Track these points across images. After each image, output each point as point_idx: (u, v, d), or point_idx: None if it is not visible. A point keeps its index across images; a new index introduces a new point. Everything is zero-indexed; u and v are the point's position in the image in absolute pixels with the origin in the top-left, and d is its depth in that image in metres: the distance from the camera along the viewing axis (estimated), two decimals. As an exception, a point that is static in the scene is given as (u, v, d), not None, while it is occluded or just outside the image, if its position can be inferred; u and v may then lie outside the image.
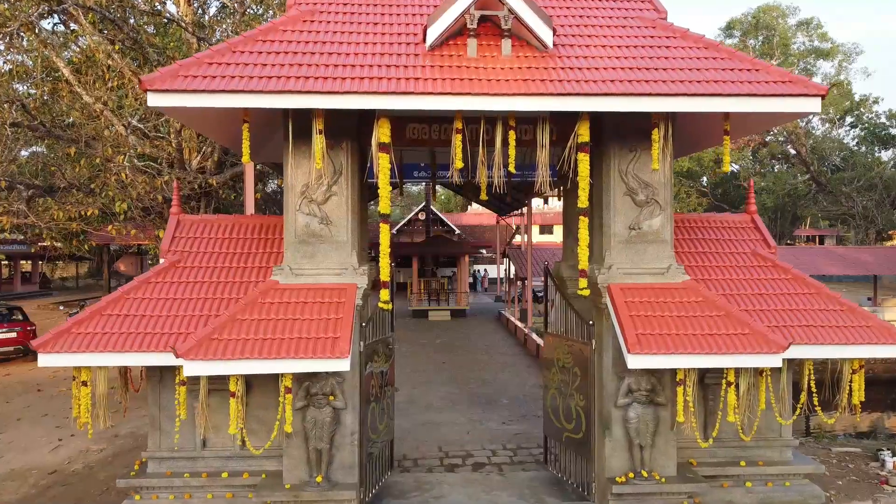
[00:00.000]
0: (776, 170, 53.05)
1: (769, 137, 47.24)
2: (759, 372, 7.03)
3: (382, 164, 6.32)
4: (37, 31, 15.17)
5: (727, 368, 6.64)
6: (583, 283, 6.79)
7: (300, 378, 6.73)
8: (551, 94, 6.13)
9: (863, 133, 51.04)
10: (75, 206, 15.00)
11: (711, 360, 6.39)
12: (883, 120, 49.42)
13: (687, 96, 6.24)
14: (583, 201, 6.63)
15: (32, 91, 17.71)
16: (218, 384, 6.87)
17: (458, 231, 46.95)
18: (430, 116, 7.29)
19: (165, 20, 17.49)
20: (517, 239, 37.72)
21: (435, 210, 47.54)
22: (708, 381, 7.52)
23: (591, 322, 7.59)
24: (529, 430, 11.70)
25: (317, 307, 6.71)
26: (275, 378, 6.74)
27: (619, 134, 7.19)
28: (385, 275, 6.48)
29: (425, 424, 12.08)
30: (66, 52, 17.78)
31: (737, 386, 6.78)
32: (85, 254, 31.98)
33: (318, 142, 6.33)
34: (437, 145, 7.35)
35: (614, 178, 7.23)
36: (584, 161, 6.57)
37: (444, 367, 17.79)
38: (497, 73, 6.45)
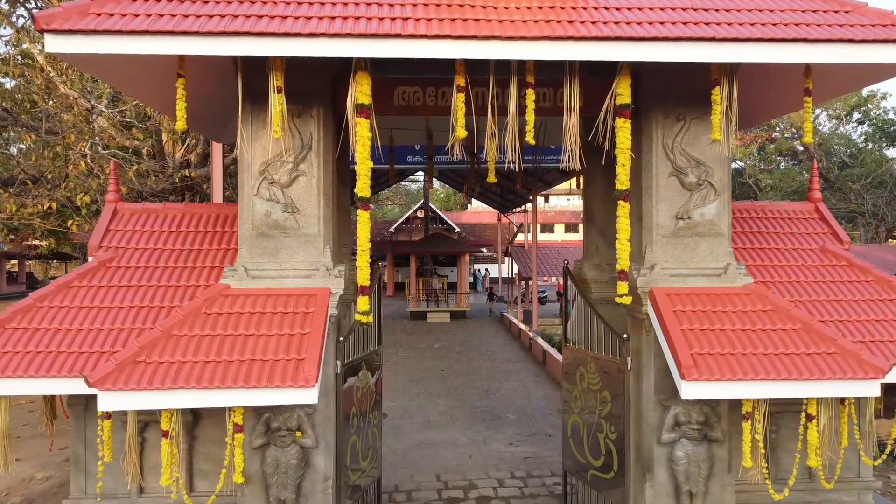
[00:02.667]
0: (782, 167, 51.65)
1: (775, 133, 45.85)
2: (840, 400, 5.55)
3: (360, 132, 4.81)
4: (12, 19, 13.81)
5: (808, 398, 5.15)
6: (623, 287, 5.27)
7: (258, 408, 5.23)
8: (584, 39, 4.62)
9: (870, 129, 49.76)
10: (34, 199, 13.49)
11: (792, 387, 4.88)
12: (891, 116, 48.11)
13: (760, 42, 4.72)
14: (623, 181, 5.11)
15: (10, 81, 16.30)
16: (155, 414, 5.37)
17: (457, 229, 45.56)
18: (424, 78, 5.79)
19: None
20: (520, 237, 36.21)
21: (434, 208, 46.13)
22: (770, 408, 6.01)
23: (625, 335, 6.08)
24: (540, 452, 10.23)
25: (278, 319, 5.20)
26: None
27: (663, 98, 5.68)
28: (364, 277, 4.96)
29: (421, 446, 10.60)
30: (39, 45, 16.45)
31: (818, 419, 5.28)
32: (73, 252, 30.47)
33: (276, 103, 4.81)
34: (433, 113, 5.83)
35: (657, 155, 5.71)
36: (624, 128, 5.04)
37: (443, 376, 16.30)
38: (511, 13, 4.93)
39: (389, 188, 50.83)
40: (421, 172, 27.37)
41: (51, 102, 14.70)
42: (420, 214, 41.75)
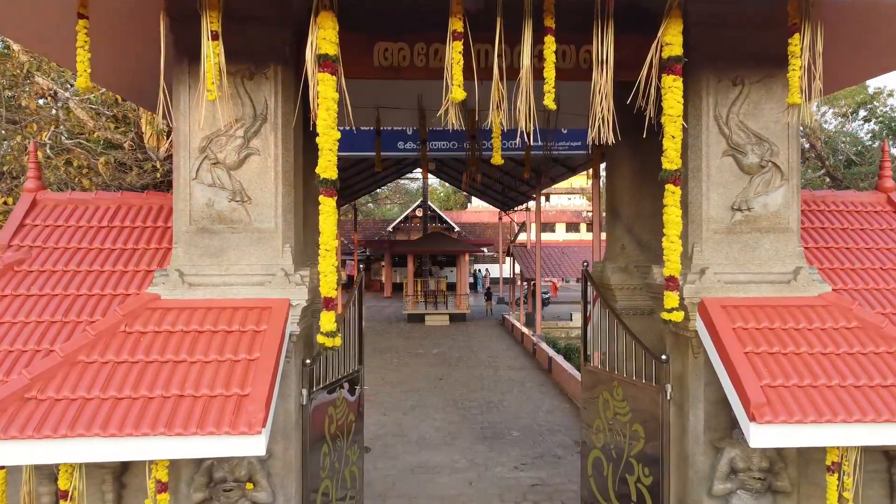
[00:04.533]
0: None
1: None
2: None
3: (323, 91, 3.59)
4: None
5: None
6: (672, 299, 4.04)
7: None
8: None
9: (877, 127, 48.79)
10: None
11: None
12: (898, 113, 47.11)
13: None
14: (672, 158, 3.88)
15: None
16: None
17: (457, 228, 44.35)
18: (412, 30, 4.56)
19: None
20: (522, 237, 34.98)
21: (433, 206, 44.91)
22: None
23: (663, 356, 4.86)
24: (549, 478, 9.01)
25: (219, 340, 3.98)
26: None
27: (716, 57, 4.46)
28: (328, 287, 3.73)
29: (415, 470, 9.38)
30: None
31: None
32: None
33: (211, 53, 3.58)
34: (425, 76, 4.59)
35: (708, 130, 4.49)
36: (674, 89, 3.81)
37: (441, 386, 15.07)
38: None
39: (388, 187, 49.71)
40: (419, 171, 26.29)
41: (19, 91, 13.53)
42: (419, 213, 40.55)
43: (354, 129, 10.61)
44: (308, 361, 4.64)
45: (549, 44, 3.71)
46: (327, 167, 3.62)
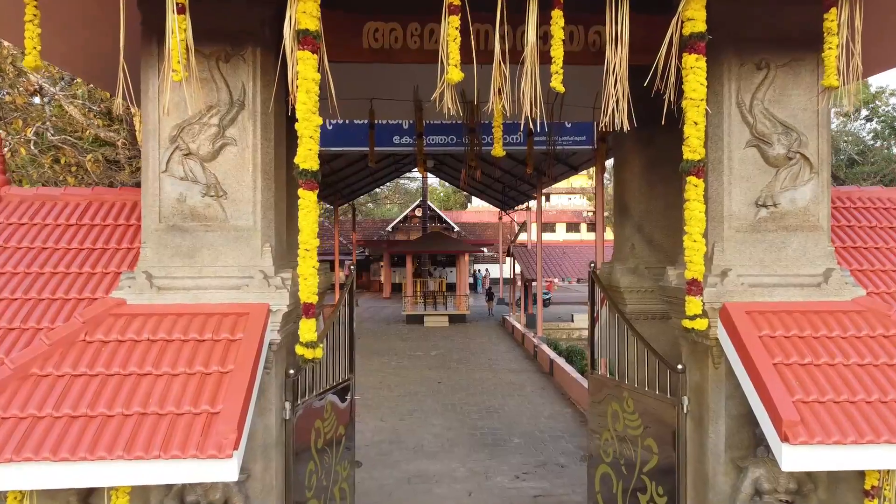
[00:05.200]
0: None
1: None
2: None
3: (303, 71, 3.18)
4: None
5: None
6: (695, 305, 3.64)
7: (164, 478, 3.61)
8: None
9: (879, 126, 48.46)
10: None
11: (948, 455, 3.27)
12: (901, 112, 46.76)
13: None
14: (695, 147, 3.47)
15: None
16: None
17: (457, 228, 43.95)
18: (405, 8, 4.15)
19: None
20: (522, 237, 34.59)
21: (432, 206, 44.50)
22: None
23: (679, 366, 4.46)
24: (552, 488, 8.61)
25: (189, 350, 3.58)
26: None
27: (739, 39, 4.05)
28: (308, 291, 3.32)
29: (412, 480, 8.98)
30: None
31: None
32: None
33: (177, 28, 3.17)
34: (419, 59, 4.19)
35: (730, 118, 4.09)
36: (696, 69, 3.41)
37: (440, 390, 14.67)
38: None
39: (388, 186, 49.29)
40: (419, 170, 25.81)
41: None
42: (418, 213, 40.17)
43: (347, 122, 10.20)
44: (292, 372, 4.23)
45: (557, 18, 3.31)
46: (307, 157, 3.22)
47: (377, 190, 42.07)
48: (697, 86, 3.38)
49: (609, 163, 11.13)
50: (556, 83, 3.32)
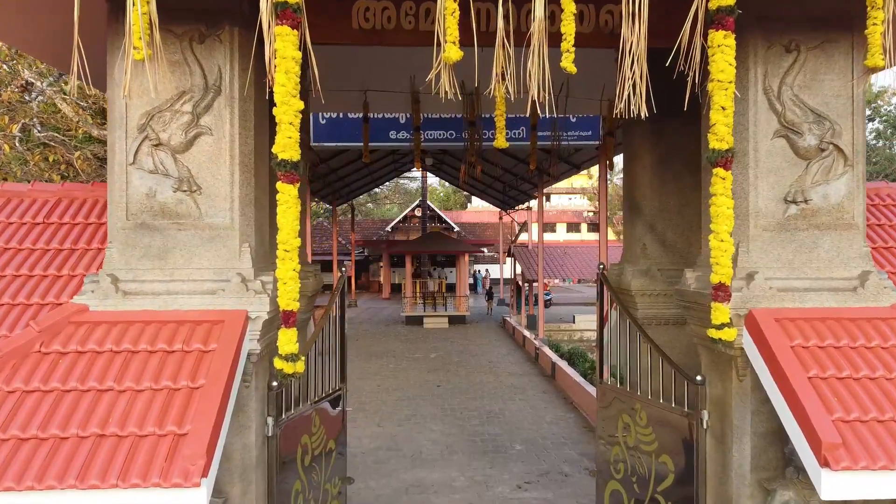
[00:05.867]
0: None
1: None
2: None
3: (282, 49, 2.81)
4: None
5: None
6: (723, 313, 3.26)
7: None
8: None
9: (881, 126, 48.18)
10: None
11: None
12: (903, 112, 46.45)
13: None
14: (722, 135, 3.10)
15: None
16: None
17: (457, 228, 43.58)
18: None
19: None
20: (523, 237, 34.21)
21: (432, 205, 44.13)
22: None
23: (698, 377, 4.08)
24: (556, 499, 8.22)
25: (156, 362, 3.20)
26: None
27: (766, 18, 3.69)
28: (287, 297, 2.95)
29: (409, 490, 8.60)
30: None
31: None
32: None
33: (138, 0, 2.79)
34: (414, 41, 3.82)
35: (756, 105, 3.72)
36: (724, 48, 3.03)
37: (439, 394, 14.29)
38: None
39: (387, 186, 48.92)
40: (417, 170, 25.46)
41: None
42: (418, 213, 39.80)
43: (341, 115, 9.81)
44: (274, 384, 3.86)
45: (567, -8, 2.94)
46: (286, 145, 2.84)
47: (376, 190, 41.70)
48: (726, 66, 3.01)
49: (617, 159, 10.73)
50: (567, 63, 2.95)
